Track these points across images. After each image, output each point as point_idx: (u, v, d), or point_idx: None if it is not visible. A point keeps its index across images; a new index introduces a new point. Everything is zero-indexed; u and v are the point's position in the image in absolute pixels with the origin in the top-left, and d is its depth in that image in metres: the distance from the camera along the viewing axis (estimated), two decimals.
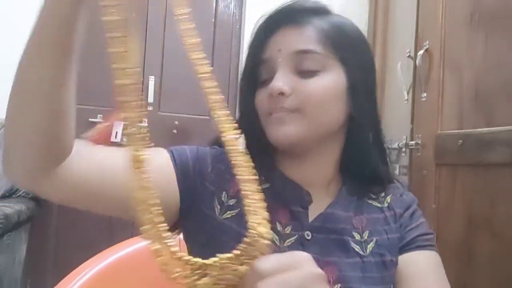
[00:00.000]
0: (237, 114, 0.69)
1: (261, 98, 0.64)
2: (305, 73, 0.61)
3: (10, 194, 1.87)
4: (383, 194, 0.69)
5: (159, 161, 0.62)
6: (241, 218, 0.63)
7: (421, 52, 1.50)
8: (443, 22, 1.44)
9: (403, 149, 1.64)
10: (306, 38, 0.61)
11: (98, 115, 2.27)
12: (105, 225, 2.04)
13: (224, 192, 0.65)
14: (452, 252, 1.26)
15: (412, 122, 1.59)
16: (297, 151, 0.64)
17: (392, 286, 0.62)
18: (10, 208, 1.63)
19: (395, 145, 1.68)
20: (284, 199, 0.64)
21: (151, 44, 2.35)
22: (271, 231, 0.59)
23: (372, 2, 2.24)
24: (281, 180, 0.66)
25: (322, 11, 0.65)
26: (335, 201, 0.65)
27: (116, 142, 2.24)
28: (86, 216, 1.18)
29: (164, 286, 0.68)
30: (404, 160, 1.64)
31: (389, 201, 0.69)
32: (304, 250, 0.60)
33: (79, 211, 0.64)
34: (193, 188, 0.64)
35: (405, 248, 0.65)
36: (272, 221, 0.62)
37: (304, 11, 0.63)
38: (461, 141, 1.26)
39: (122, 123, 0.40)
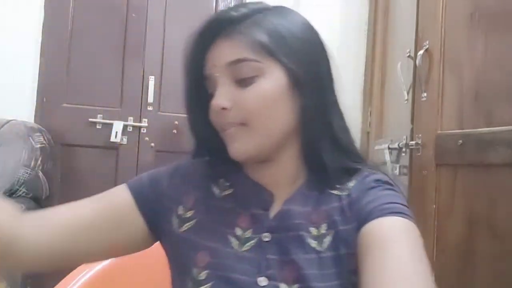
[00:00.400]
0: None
1: (211, 114, 0.64)
2: (244, 82, 0.61)
3: (10, 194, 1.86)
4: (349, 183, 0.65)
5: (116, 195, 0.66)
6: (198, 228, 0.64)
7: (421, 52, 1.50)
8: (443, 22, 1.43)
9: (403, 149, 1.63)
10: (237, 47, 0.61)
11: (98, 115, 2.27)
12: None
13: (180, 206, 0.66)
14: (452, 252, 1.25)
15: (412, 122, 1.59)
16: (258, 159, 0.65)
17: (353, 278, 0.57)
18: None
19: (395, 145, 1.68)
20: (246, 203, 0.65)
21: (151, 44, 2.35)
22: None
23: (372, 2, 2.24)
24: (245, 184, 0.66)
25: (253, 14, 0.63)
26: (291, 197, 0.64)
27: (115, 141, 2.24)
28: None
29: (164, 286, 0.68)
30: (404, 160, 1.64)
31: (350, 187, 0.64)
32: (263, 252, 0.60)
33: None
34: (154, 210, 0.66)
35: (362, 224, 0.57)
36: (232, 227, 0.63)
37: (232, 20, 0.62)
38: (461, 141, 1.26)
39: (122, 123, 0.40)
